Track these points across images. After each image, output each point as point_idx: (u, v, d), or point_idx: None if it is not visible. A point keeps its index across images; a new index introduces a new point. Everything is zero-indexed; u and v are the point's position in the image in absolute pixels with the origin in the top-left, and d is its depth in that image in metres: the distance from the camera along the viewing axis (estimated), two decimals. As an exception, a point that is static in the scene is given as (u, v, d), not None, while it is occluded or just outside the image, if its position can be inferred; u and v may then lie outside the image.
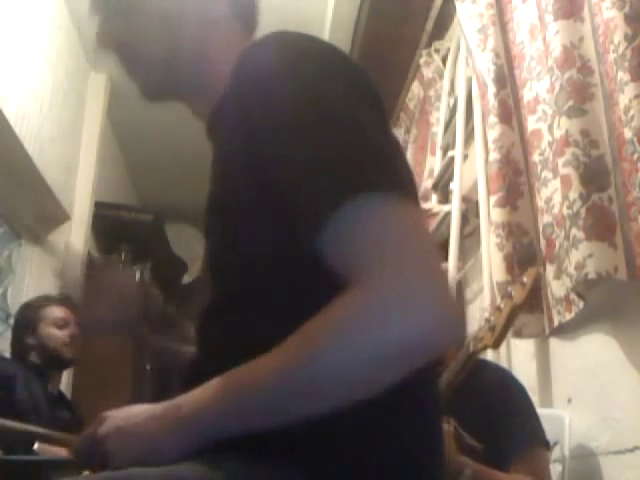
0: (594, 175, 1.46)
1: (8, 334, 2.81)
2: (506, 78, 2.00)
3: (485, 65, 2.06)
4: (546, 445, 1.43)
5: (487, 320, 1.40)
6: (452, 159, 2.51)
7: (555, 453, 1.57)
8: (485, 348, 1.39)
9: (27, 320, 2.37)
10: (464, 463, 1.26)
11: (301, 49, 0.69)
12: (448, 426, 1.27)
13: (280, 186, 0.63)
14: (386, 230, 0.58)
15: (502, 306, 1.39)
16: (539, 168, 1.76)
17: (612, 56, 1.44)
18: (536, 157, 1.78)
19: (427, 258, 0.58)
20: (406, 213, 0.60)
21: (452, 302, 0.58)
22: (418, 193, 0.81)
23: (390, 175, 0.61)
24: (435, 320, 0.56)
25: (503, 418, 1.40)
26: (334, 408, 0.58)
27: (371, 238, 0.58)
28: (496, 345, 1.38)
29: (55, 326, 2.33)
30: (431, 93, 3.01)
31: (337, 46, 0.73)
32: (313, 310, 0.59)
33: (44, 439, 1.21)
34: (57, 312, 2.36)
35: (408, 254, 0.57)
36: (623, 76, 1.37)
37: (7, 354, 2.49)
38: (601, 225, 1.41)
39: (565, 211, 1.50)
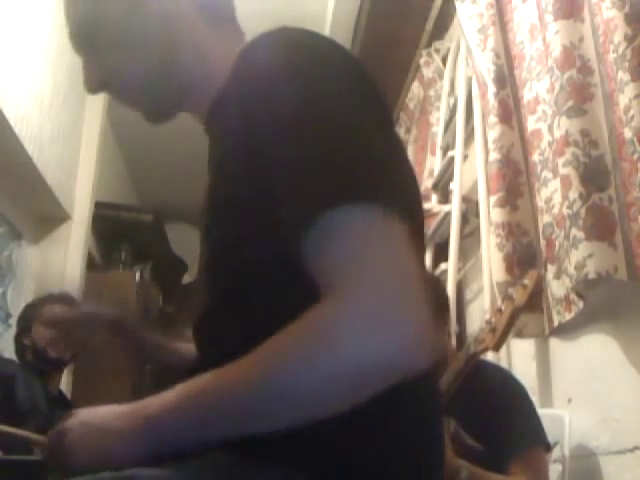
0: (594, 175, 1.46)
1: (8, 334, 2.81)
2: (506, 78, 2.00)
3: (485, 65, 2.06)
4: (546, 446, 1.43)
5: (488, 322, 1.40)
6: (452, 159, 2.51)
7: (555, 453, 1.57)
8: (486, 350, 1.39)
9: (24, 320, 2.37)
10: (461, 466, 1.26)
11: (302, 46, 0.68)
12: (447, 428, 1.27)
13: (271, 187, 0.63)
14: (364, 245, 0.57)
15: (503, 308, 1.39)
16: (539, 168, 1.76)
17: (612, 56, 1.44)
18: (536, 157, 1.78)
19: (403, 277, 0.57)
20: (388, 229, 0.58)
21: (425, 322, 0.56)
22: (419, 196, 0.79)
23: (380, 186, 0.60)
24: (405, 339, 0.54)
25: (503, 419, 1.40)
26: (297, 424, 0.57)
27: (348, 252, 0.57)
28: (497, 347, 1.38)
29: (44, 325, 2.32)
30: (431, 93, 3.01)
31: (339, 43, 0.72)
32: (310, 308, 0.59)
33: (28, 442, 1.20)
34: (51, 311, 2.35)
35: (383, 272, 0.56)
36: (623, 76, 1.37)
37: (7, 354, 2.49)
38: (601, 225, 1.41)
39: (565, 211, 1.50)
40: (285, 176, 0.61)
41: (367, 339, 0.54)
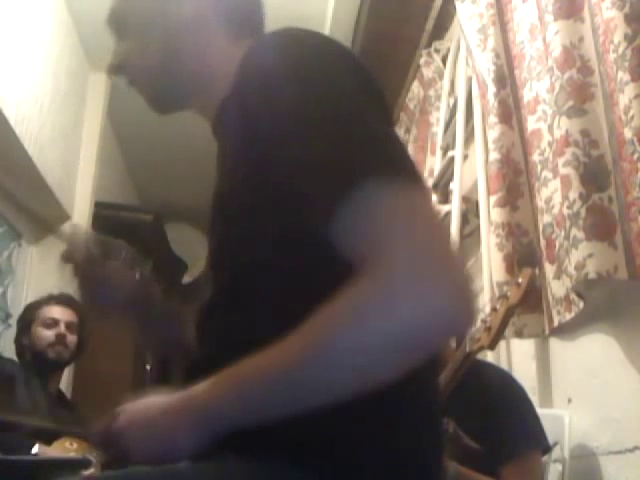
0: (594, 175, 1.46)
1: (8, 334, 2.81)
2: (506, 78, 2.00)
3: (485, 65, 2.06)
4: (544, 448, 1.43)
5: (483, 321, 1.40)
6: (452, 159, 2.51)
7: (555, 453, 1.57)
8: (482, 349, 1.39)
9: (24, 320, 2.37)
10: (447, 465, 1.25)
11: (306, 46, 0.69)
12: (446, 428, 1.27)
13: (287, 183, 0.64)
14: (395, 215, 0.58)
15: (498, 307, 1.39)
16: (539, 168, 1.76)
17: (612, 56, 1.44)
18: (536, 157, 1.78)
19: (438, 241, 0.58)
20: (415, 196, 0.60)
21: (466, 284, 0.58)
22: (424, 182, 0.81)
23: (396, 162, 0.61)
24: (450, 301, 0.56)
25: (501, 420, 1.40)
26: (351, 394, 0.58)
27: (381, 223, 0.58)
28: (492, 346, 1.38)
29: (44, 326, 2.32)
30: (431, 93, 3.01)
31: (342, 43, 0.73)
32: (314, 309, 0.59)
33: (44, 433, 1.20)
34: (49, 312, 2.35)
35: (419, 238, 0.57)
36: (623, 76, 1.37)
37: (7, 354, 2.50)
38: (601, 225, 1.41)
39: (565, 211, 1.50)
40: (304, 167, 0.62)
41: (414, 303, 0.55)
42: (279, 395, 0.60)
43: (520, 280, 1.41)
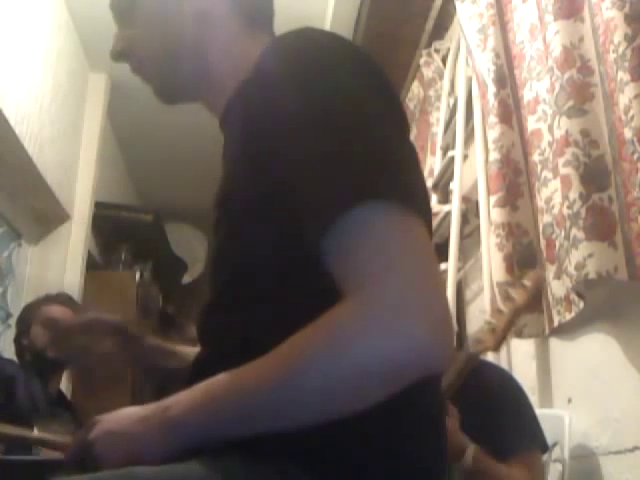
0: (594, 175, 1.46)
1: (8, 334, 2.81)
2: (506, 78, 2.00)
3: (485, 65, 2.06)
4: (543, 448, 1.43)
5: (488, 322, 1.40)
6: (452, 159, 2.50)
7: (555, 453, 1.57)
8: (486, 350, 1.39)
9: (23, 321, 2.37)
10: (466, 443, 1.26)
11: (321, 48, 0.69)
12: (451, 409, 1.27)
13: (288, 186, 0.63)
14: (386, 244, 0.57)
15: (503, 308, 1.39)
16: (539, 168, 1.76)
17: (612, 56, 1.44)
18: (536, 157, 1.78)
19: (426, 276, 0.57)
20: (408, 226, 0.59)
21: (448, 323, 0.56)
22: (427, 194, 0.80)
23: (397, 184, 0.60)
24: (427, 339, 0.55)
25: (500, 419, 1.40)
26: (318, 420, 0.58)
27: (371, 252, 0.57)
28: (497, 347, 1.38)
29: (43, 326, 2.31)
30: (431, 93, 3.01)
31: (360, 47, 0.73)
32: (314, 310, 0.59)
33: (40, 443, 1.20)
34: (49, 312, 2.35)
35: (407, 271, 0.56)
36: (623, 76, 1.36)
37: (7, 354, 2.49)
38: (601, 225, 1.41)
39: (565, 211, 1.50)
40: (303, 176, 0.62)
41: (389, 337, 0.55)
42: (248, 415, 0.61)
43: (526, 282, 1.41)
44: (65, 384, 2.74)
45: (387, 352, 0.55)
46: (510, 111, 1.96)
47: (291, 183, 0.63)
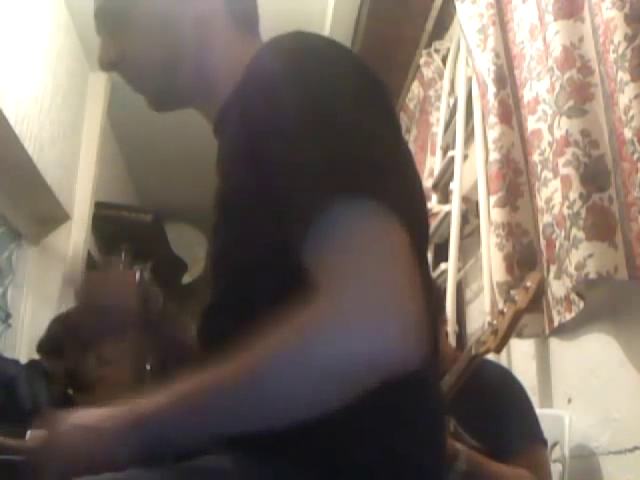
0: (594, 175, 1.46)
1: (8, 334, 2.81)
2: (506, 78, 2.00)
3: (485, 65, 2.06)
4: (544, 444, 1.43)
5: (490, 324, 1.40)
6: (452, 159, 2.51)
7: (555, 453, 1.57)
8: (488, 352, 1.39)
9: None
10: (459, 450, 1.26)
11: (312, 52, 0.69)
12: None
13: (274, 187, 0.63)
14: (359, 246, 0.57)
15: (505, 310, 1.39)
16: (539, 168, 1.76)
17: (612, 56, 1.44)
18: (536, 157, 1.78)
19: (395, 278, 0.57)
20: (386, 229, 0.59)
21: (414, 324, 0.56)
22: (423, 195, 0.79)
23: (380, 186, 0.60)
24: (392, 340, 0.55)
25: (502, 418, 1.40)
26: (283, 423, 0.58)
27: (341, 252, 0.57)
28: (499, 349, 1.38)
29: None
30: (431, 93, 3.01)
31: (352, 51, 0.73)
32: None
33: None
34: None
35: (373, 273, 0.56)
36: (623, 76, 1.37)
37: (7, 354, 2.49)
38: (601, 225, 1.41)
39: (565, 211, 1.50)
40: (287, 177, 0.62)
41: (353, 339, 0.55)
42: (213, 414, 0.61)
43: (528, 284, 1.41)
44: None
45: (353, 352, 0.55)
46: (510, 111, 1.96)
47: (275, 186, 0.63)
